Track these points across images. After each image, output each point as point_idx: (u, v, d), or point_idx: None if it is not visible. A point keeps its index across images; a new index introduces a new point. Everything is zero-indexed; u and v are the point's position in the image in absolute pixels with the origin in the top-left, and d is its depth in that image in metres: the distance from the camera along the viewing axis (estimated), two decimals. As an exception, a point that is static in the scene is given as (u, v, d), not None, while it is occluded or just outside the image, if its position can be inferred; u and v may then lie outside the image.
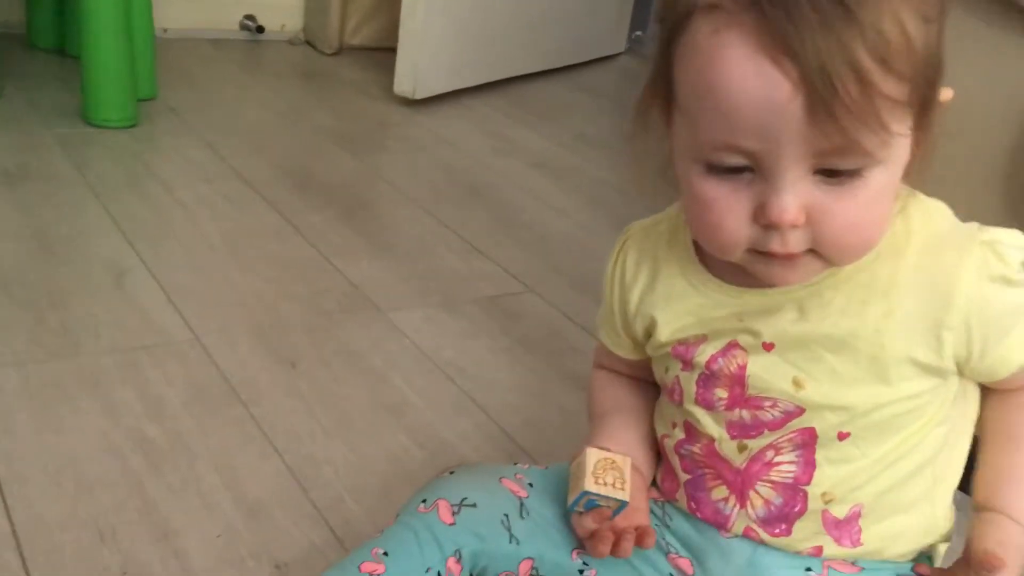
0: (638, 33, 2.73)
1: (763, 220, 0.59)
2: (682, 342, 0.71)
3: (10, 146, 1.57)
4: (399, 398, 1.07)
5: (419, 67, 1.98)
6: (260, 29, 2.31)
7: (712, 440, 0.71)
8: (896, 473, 0.68)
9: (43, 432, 0.94)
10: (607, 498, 0.70)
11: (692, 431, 0.73)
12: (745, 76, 0.55)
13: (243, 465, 0.93)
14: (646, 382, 0.81)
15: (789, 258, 0.61)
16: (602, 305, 0.79)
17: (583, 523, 0.72)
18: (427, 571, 0.71)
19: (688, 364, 0.71)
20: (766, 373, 0.68)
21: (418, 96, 2.01)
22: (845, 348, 0.66)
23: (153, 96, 1.82)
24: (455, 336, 1.21)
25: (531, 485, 0.78)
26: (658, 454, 0.78)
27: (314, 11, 2.34)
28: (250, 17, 2.31)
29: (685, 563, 0.75)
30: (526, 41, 2.26)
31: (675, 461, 0.74)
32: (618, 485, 0.71)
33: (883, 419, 0.67)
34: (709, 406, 0.71)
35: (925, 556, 0.75)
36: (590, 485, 0.69)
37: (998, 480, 0.69)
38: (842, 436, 0.68)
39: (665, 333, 0.72)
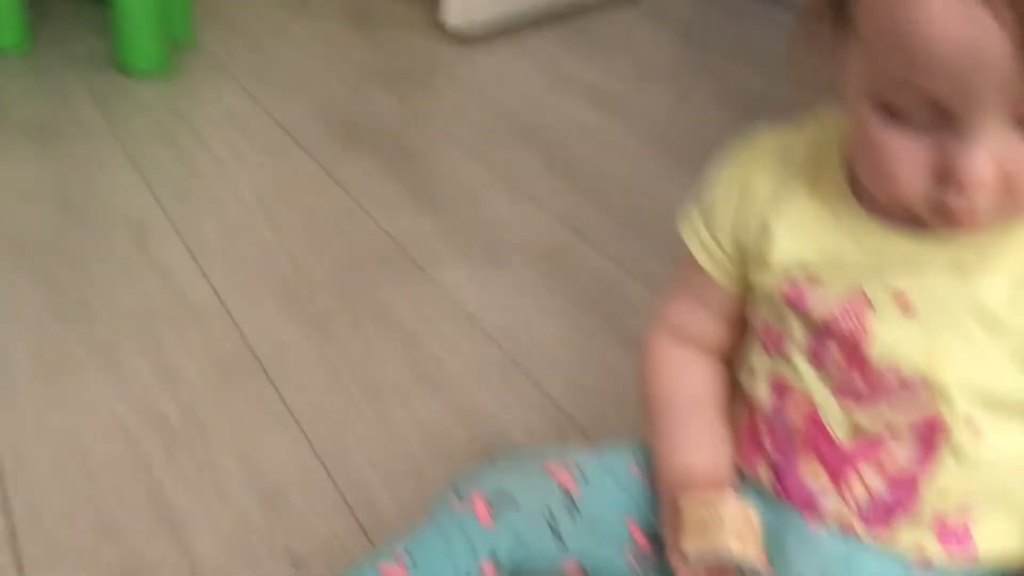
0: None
1: (948, 180, 0.51)
2: (795, 283, 0.60)
3: (39, 98, 1.50)
4: (437, 366, 0.98)
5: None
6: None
7: (813, 405, 0.60)
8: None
9: (50, 407, 0.87)
10: (743, 562, 0.59)
11: (786, 391, 0.61)
12: (949, 16, 0.48)
13: (263, 446, 0.85)
14: (720, 361, 0.70)
15: (974, 215, 0.52)
16: (694, 210, 0.67)
17: (695, 574, 0.62)
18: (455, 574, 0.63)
19: (801, 312, 0.60)
20: (895, 338, 0.57)
21: (469, 29, 1.89)
22: (1000, 326, 0.55)
23: (190, 44, 1.74)
24: (501, 294, 1.11)
25: (584, 479, 0.68)
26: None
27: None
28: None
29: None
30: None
31: (763, 431, 0.63)
32: (753, 543, 0.60)
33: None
34: (819, 364, 0.60)
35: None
36: (733, 544, 0.58)
37: None
38: (972, 425, 0.57)
39: (779, 253, 0.61)
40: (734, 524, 0.58)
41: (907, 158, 0.52)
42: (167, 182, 1.29)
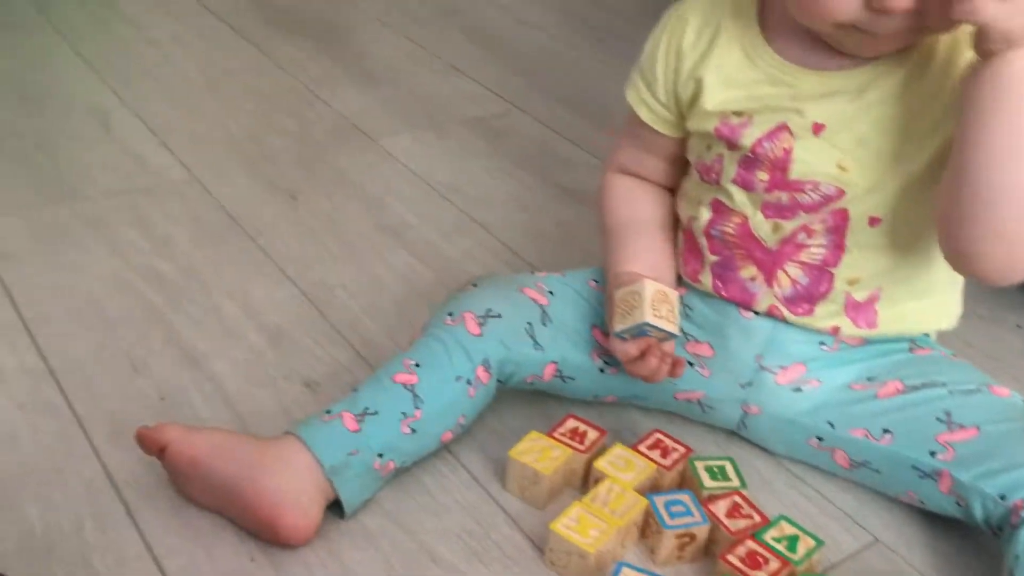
0: None
1: (876, 5, 0.62)
2: (726, 121, 0.73)
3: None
4: (399, 220, 1.09)
5: None
6: None
7: (746, 219, 0.74)
8: (920, 259, 0.72)
9: (57, 273, 0.96)
10: (660, 330, 0.73)
11: (723, 210, 0.75)
12: None
13: (259, 294, 0.96)
14: (664, 190, 0.83)
15: (891, 36, 0.65)
16: (637, 78, 0.79)
17: (627, 348, 0.75)
18: (457, 379, 0.75)
19: (733, 145, 0.73)
20: (812, 157, 0.71)
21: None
22: (896, 128, 0.69)
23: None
24: (446, 157, 1.22)
25: (551, 293, 0.81)
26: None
27: None
28: None
29: (704, 348, 0.79)
30: None
31: (703, 243, 0.77)
32: (671, 318, 0.74)
33: (914, 198, 0.70)
34: (748, 187, 0.73)
35: (924, 334, 0.80)
36: (650, 317, 0.72)
37: None
38: (873, 222, 0.71)
39: (712, 101, 0.74)
40: (652, 301, 0.73)
41: None
42: (116, 70, 1.34)
